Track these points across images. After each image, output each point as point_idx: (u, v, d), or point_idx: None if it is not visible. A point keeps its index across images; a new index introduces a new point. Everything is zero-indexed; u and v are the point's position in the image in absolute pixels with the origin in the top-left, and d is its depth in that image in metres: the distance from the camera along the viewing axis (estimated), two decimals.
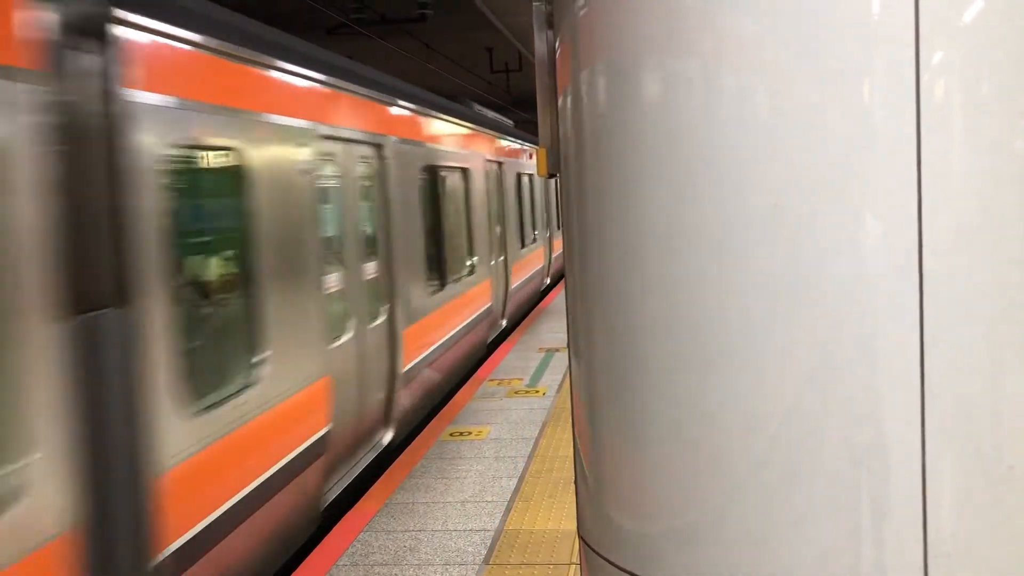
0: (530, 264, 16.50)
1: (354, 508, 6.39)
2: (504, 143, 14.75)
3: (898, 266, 1.65)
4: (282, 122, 5.67)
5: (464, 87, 26.08)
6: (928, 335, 1.65)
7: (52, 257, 3.33)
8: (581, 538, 2.20)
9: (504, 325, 13.88)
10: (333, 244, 6.73)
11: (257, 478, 5.03)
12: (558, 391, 9.57)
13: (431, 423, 8.56)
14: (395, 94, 8.68)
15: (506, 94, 28.20)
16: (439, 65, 22.81)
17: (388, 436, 7.81)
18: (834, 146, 1.66)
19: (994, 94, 1.64)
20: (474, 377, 10.49)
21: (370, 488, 6.83)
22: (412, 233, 8.66)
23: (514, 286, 14.52)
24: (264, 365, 5.21)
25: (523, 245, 15.89)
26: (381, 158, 7.92)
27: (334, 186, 6.83)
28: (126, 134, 3.96)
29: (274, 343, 5.33)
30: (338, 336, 6.61)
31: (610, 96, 1.91)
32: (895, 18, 1.62)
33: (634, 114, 1.86)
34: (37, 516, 3.20)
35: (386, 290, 7.87)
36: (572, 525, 5.79)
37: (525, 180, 16.84)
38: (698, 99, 1.77)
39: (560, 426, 8.17)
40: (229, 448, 4.69)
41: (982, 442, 1.67)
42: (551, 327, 13.77)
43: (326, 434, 6.07)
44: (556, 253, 20.68)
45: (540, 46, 2.26)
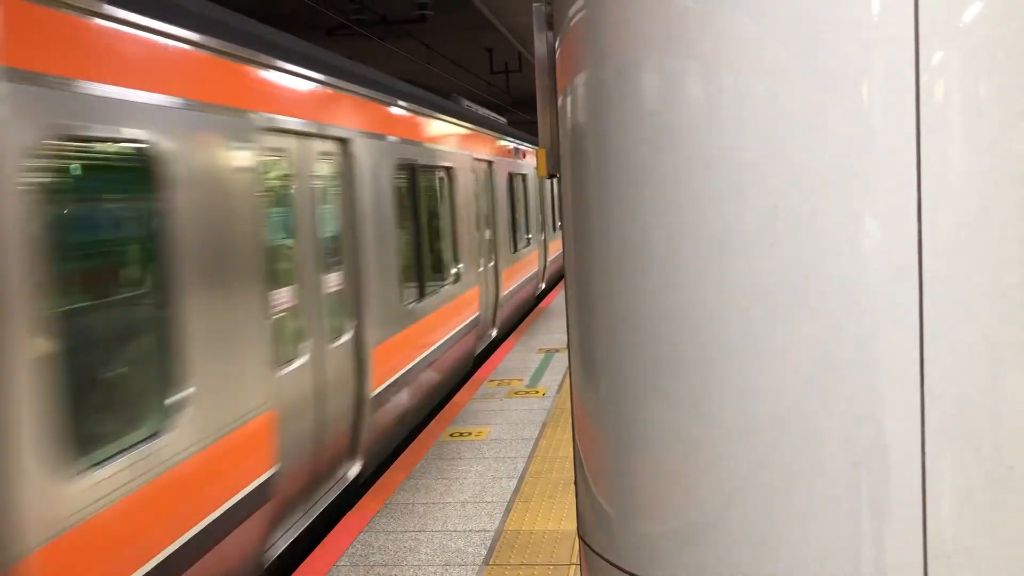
0: (523, 269, 15.72)
1: (354, 508, 6.39)
2: (496, 141, 14.07)
3: (898, 266, 1.65)
4: (211, 111, 4.79)
5: (464, 88, 26.08)
6: (928, 335, 1.65)
7: None
8: (581, 538, 2.20)
9: (495, 335, 13.21)
10: (283, 254, 5.92)
11: (168, 545, 4.18)
12: (558, 392, 9.57)
13: (431, 423, 8.55)
14: (364, 84, 7.73)
15: (506, 95, 28.22)
16: (439, 66, 22.82)
17: (355, 469, 7.01)
18: (834, 146, 1.67)
19: (994, 94, 1.64)
20: (474, 378, 10.49)
21: (369, 488, 6.83)
22: (385, 239, 7.82)
23: (506, 292, 13.79)
24: (182, 406, 4.37)
25: (515, 249, 15.08)
26: (347, 155, 7.06)
27: (285, 187, 6.00)
28: None
29: (196, 378, 4.48)
30: (288, 361, 5.78)
31: (610, 97, 1.91)
32: (895, 19, 1.63)
33: (634, 115, 1.86)
34: None
35: (352, 304, 7.07)
36: (572, 525, 5.79)
37: (518, 181, 16.11)
38: (698, 99, 1.77)
39: (560, 427, 8.18)
40: (127, 513, 3.87)
41: (982, 442, 1.67)
42: (551, 328, 13.77)
43: (271, 478, 5.26)
44: (552, 256, 19.92)
45: (540, 47, 2.26)
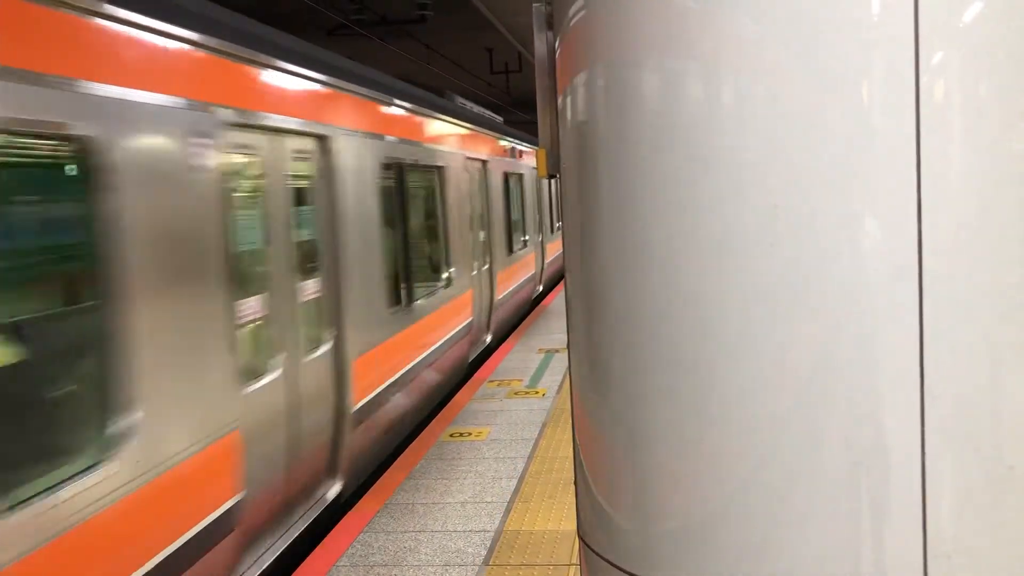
0: (520, 271, 15.23)
1: (354, 509, 6.39)
2: (491, 140, 13.60)
3: (898, 266, 1.65)
4: (163, 104, 4.31)
5: (464, 88, 26.08)
6: (928, 335, 1.65)
7: None
8: (581, 539, 2.20)
9: (489, 341, 12.79)
10: (252, 260, 5.47)
11: None
12: (558, 392, 9.57)
13: (431, 424, 8.55)
14: (347, 78, 7.19)
15: (506, 95, 28.22)
16: (439, 66, 22.82)
17: (335, 488, 6.57)
18: (834, 146, 1.67)
19: (994, 95, 1.64)
20: (474, 378, 10.49)
21: (369, 489, 6.83)
22: (369, 242, 7.37)
23: (501, 296, 13.33)
24: (128, 432, 3.97)
25: (511, 251, 14.57)
26: (326, 153, 6.60)
27: (255, 187, 5.54)
28: None
29: (144, 400, 4.05)
30: (257, 377, 5.36)
31: (610, 97, 1.91)
32: (895, 19, 1.63)
33: (634, 115, 1.86)
34: None
35: (332, 312, 6.61)
36: (572, 526, 5.79)
37: (514, 181, 15.57)
38: (698, 99, 1.77)
39: (560, 427, 8.18)
40: (68, 550, 3.57)
41: (982, 442, 1.67)
42: (551, 328, 13.77)
43: (235, 506, 4.87)
44: (550, 258, 19.44)
45: (540, 47, 2.26)
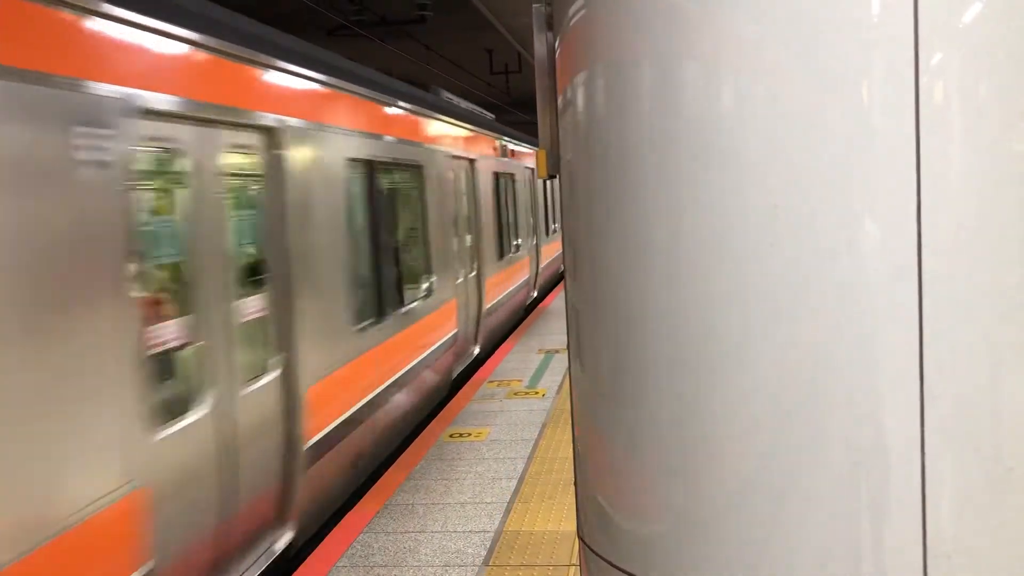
0: (512, 277, 14.26)
1: (354, 509, 6.39)
2: (479, 137, 12.64)
3: (898, 266, 1.65)
4: (36, 84, 3.53)
5: (464, 88, 26.10)
6: (928, 336, 1.65)
7: None
8: (581, 539, 2.20)
9: (477, 352, 11.80)
10: (170, 276, 4.63)
11: None
12: (558, 392, 9.57)
13: (431, 424, 8.56)
14: (301, 63, 6.24)
15: (506, 95, 28.23)
16: (439, 67, 22.83)
17: (285, 538, 5.65)
18: (834, 147, 1.67)
19: (993, 95, 1.64)
20: (474, 379, 10.49)
21: (369, 490, 6.83)
22: (330, 251, 6.48)
23: (490, 305, 12.39)
24: None
25: (502, 256, 13.61)
26: (274, 147, 5.72)
27: (174, 188, 4.66)
28: None
29: (7, 463, 3.26)
30: (173, 417, 4.43)
31: (610, 97, 1.91)
32: (894, 19, 1.63)
33: (633, 115, 1.86)
34: None
35: (281, 334, 5.73)
36: (572, 526, 5.79)
37: (506, 181, 14.47)
38: (698, 100, 1.77)
39: (560, 427, 8.18)
40: None
41: (982, 443, 1.68)
42: (550, 328, 13.78)
43: None
44: (545, 262, 18.48)
45: (540, 47, 2.26)
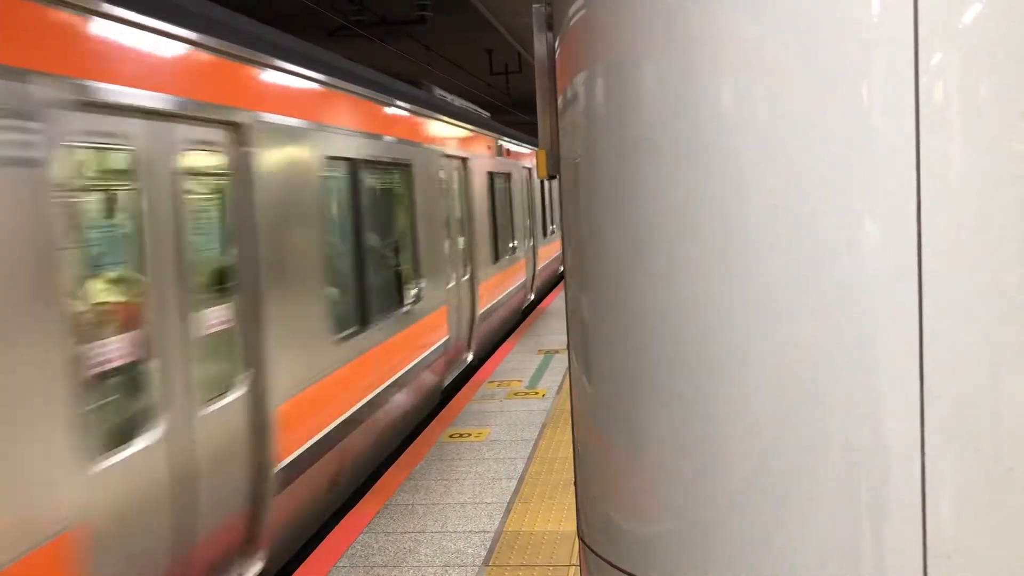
0: (507, 280, 13.79)
1: (354, 509, 6.39)
2: (473, 136, 12.11)
3: (898, 267, 1.65)
4: None
5: (464, 89, 26.10)
6: (928, 335, 1.65)
7: None
8: (581, 539, 2.20)
9: (470, 359, 11.28)
10: (114, 288, 4.21)
11: None
12: (558, 393, 9.57)
13: (431, 424, 8.56)
14: (274, 53, 5.75)
15: (506, 96, 28.23)
16: (439, 67, 22.84)
17: (254, 568, 5.16)
18: (834, 147, 1.67)
19: (993, 95, 1.64)
20: (473, 379, 10.48)
21: (369, 490, 6.83)
22: (305, 257, 5.97)
23: (484, 309, 11.91)
24: None
25: (497, 259, 13.16)
26: (241, 144, 5.20)
27: (119, 188, 4.18)
28: None
29: None
30: (117, 446, 3.97)
31: (610, 97, 1.91)
32: (894, 19, 1.63)
33: (633, 115, 1.86)
34: None
35: (248, 347, 5.21)
36: (572, 526, 5.79)
37: (500, 181, 14.00)
38: (698, 100, 1.77)
39: (560, 428, 8.18)
40: None
41: (982, 443, 1.68)
42: (550, 329, 13.77)
43: None
44: (542, 264, 18.02)
45: (540, 48, 2.26)
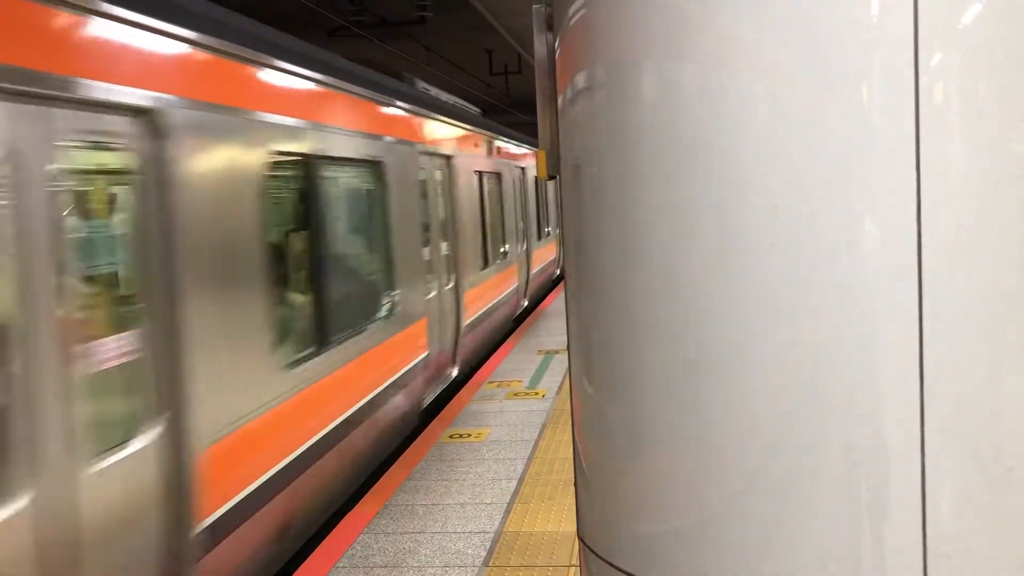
0: (498, 287, 12.90)
1: (354, 510, 6.39)
2: (459, 132, 11.25)
3: (897, 267, 1.65)
4: None
5: (464, 89, 26.11)
6: (928, 335, 1.65)
7: None
8: (581, 540, 2.20)
9: (455, 375, 10.33)
10: None
11: None
12: (557, 393, 9.57)
13: (431, 424, 8.55)
14: (203, 29, 4.83)
15: (505, 96, 28.24)
16: (438, 67, 22.84)
17: None
18: (834, 147, 1.67)
19: (993, 95, 1.64)
20: (473, 380, 10.48)
21: (369, 490, 6.83)
22: (239, 273, 5.04)
23: (471, 320, 11.03)
24: None
25: (486, 264, 12.26)
26: (154, 136, 4.31)
27: None
28: None
29: None
30: None
31: (610, 98, 1.91)
32: (894, 19, 1.63)
33: (634, 116, 1.86)
34: None
35: (163, 380, 4.32)
36: (572, 527, 5.79)
37: (491, 181, 13.20)
38: (698, 100, 1.77)
39: (559, 428, 8.18)
40: None
41: (981, 443, 1.68)
42: (550, 329, 13.77)
43: None
44: (536, 268, 17.00)
45: (540, 48, 2.26)
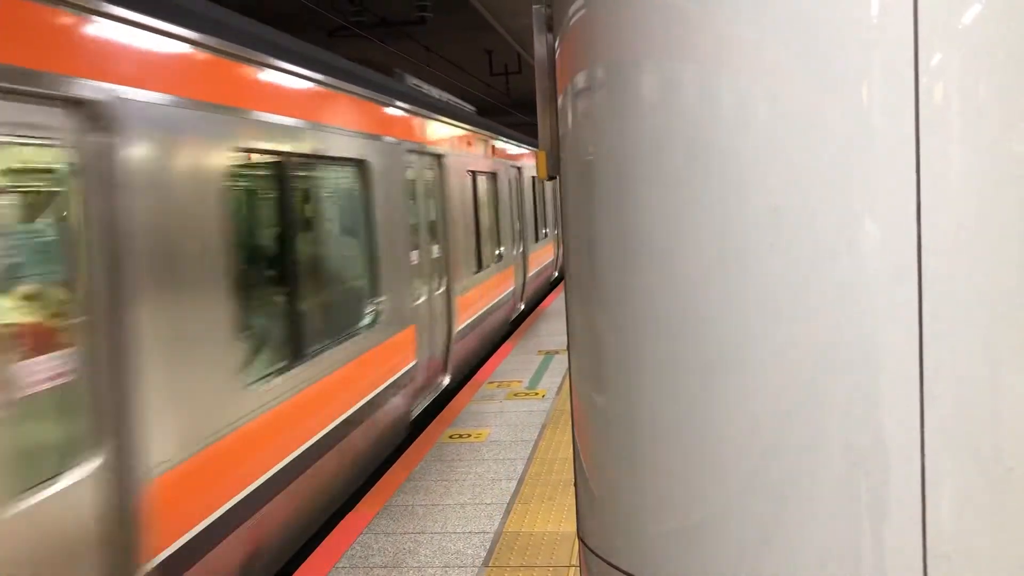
0: (492, 291, 12.50)
1: (354, 510, 6.39)
2: (452, 131, 10.76)
3: (897, 267, 1.65)
4: None
5: (464, 89, 26.11)
6: (928, 335, 1.65)
7: None
8: (581, 540, 2.20)
9: (447, 383, 9.89)
10: None
11: None
12: (557, 393, 9.57)
13: (431, 425, 8.55)
14: (151, 11, 4.39)
15: (505, 96, 28.24)
16: (439, 67, 22.84)
17: None
18: (834, 147, 1.67)
19: (993, 96, 1.64)
20: (473, 380, 10.48)
21: (369, 490, 6.83)
22: (197, 283, 4.61)
23: (463, 326, 10.57)
24: None
25: (480, 268, 11.80)
26: (98, 131, 3.88)
27: None
28: None
29: None
30: None
31: (610, 98, 1.91)
32: (894, 19, 1.63)
33: (633, 116, 1.86)
34: None
35: (102, 405, 3.84)
36: (572, 527, 5.79)
37: (485, 181, 12.59)
38: (698, 100, 1.77)
39: (559, 428, 8.18)
40: None
41: (981, 443, 1.67)
42: (550, 329, 13.77)
43: None
44: (533, 271, 16.39)
45: (540, 48, 2.26)
